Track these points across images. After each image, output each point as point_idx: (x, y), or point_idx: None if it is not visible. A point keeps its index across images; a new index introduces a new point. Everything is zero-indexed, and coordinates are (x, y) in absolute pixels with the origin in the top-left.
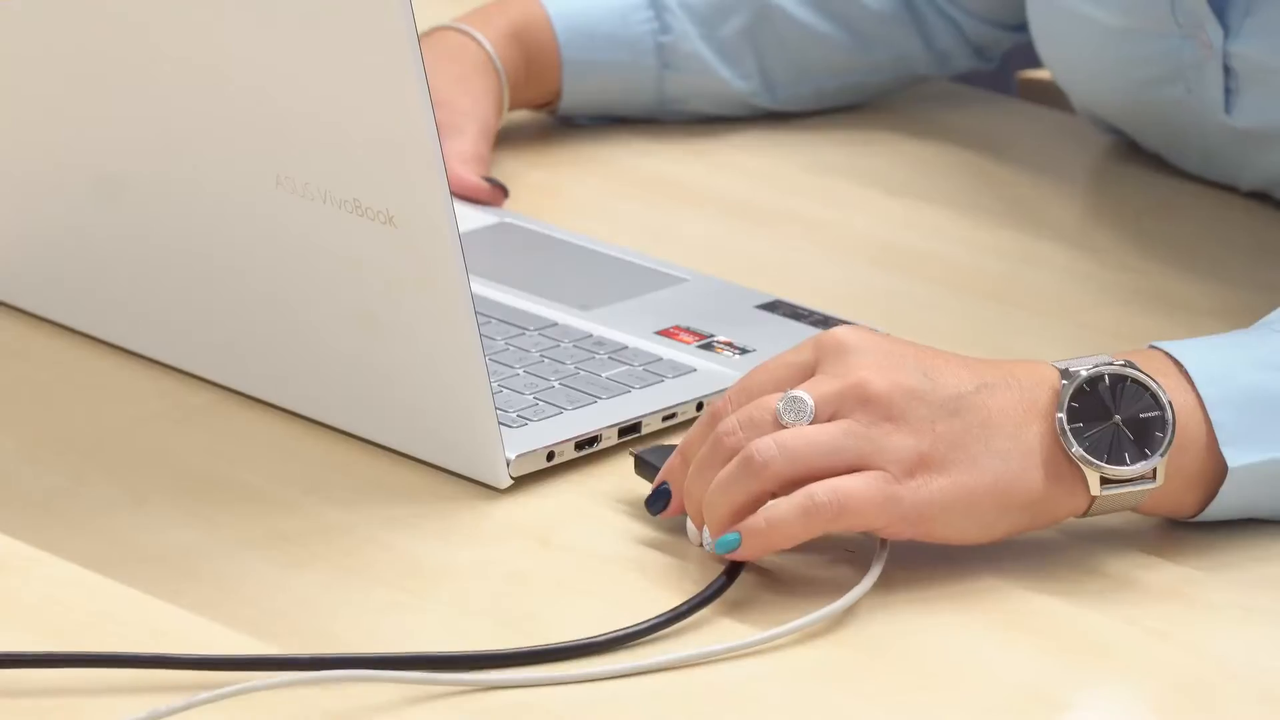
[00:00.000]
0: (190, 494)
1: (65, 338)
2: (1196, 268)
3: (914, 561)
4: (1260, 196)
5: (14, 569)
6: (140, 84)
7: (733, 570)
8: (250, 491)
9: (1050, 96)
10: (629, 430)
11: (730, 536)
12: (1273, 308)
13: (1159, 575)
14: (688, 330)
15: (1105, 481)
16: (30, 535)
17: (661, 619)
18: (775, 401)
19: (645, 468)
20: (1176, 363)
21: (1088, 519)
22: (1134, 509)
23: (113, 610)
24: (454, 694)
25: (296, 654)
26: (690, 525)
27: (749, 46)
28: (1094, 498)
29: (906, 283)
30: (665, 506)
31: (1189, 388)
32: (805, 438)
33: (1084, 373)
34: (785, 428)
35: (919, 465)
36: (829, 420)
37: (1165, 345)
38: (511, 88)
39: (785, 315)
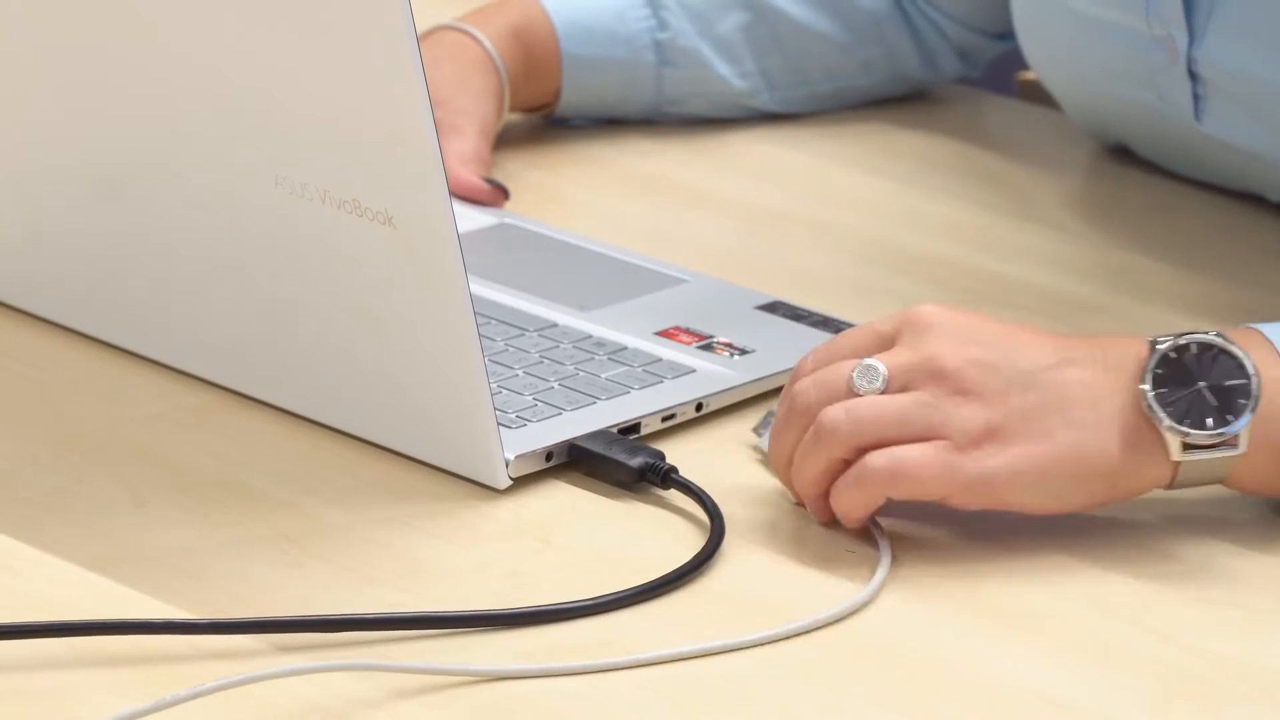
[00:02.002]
0: (190, 494)
1: (65, 338)
2: (1194, 268)
3: (913, 561)
4: (1257, 199)
5: (14, 569)
6: (140, 84)
7: (704, 555)
8: (250, 491)
9: (1050, 97)
10: (628, 431)
11: None
12: (1273, 309)
13: (1158, 575)
14: (687, 331)
15: (1187, 447)
16: (30, 535)
17: (640, 589)
18: (850, 368)
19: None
20: (1269, 340)
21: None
22: (1223, 482)
23: (113, 610)
24: (451, 686)
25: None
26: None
27: (747, 44)
28: (1176, 464)
29: (906, 283)
30: None
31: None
32: (875, 407)
33: (1171, 341)
34: (857, 394)
35: (987, 436)
36: (901, 391)
37: (1260, 325)
38: (511, 87)
39: (785, 316)
